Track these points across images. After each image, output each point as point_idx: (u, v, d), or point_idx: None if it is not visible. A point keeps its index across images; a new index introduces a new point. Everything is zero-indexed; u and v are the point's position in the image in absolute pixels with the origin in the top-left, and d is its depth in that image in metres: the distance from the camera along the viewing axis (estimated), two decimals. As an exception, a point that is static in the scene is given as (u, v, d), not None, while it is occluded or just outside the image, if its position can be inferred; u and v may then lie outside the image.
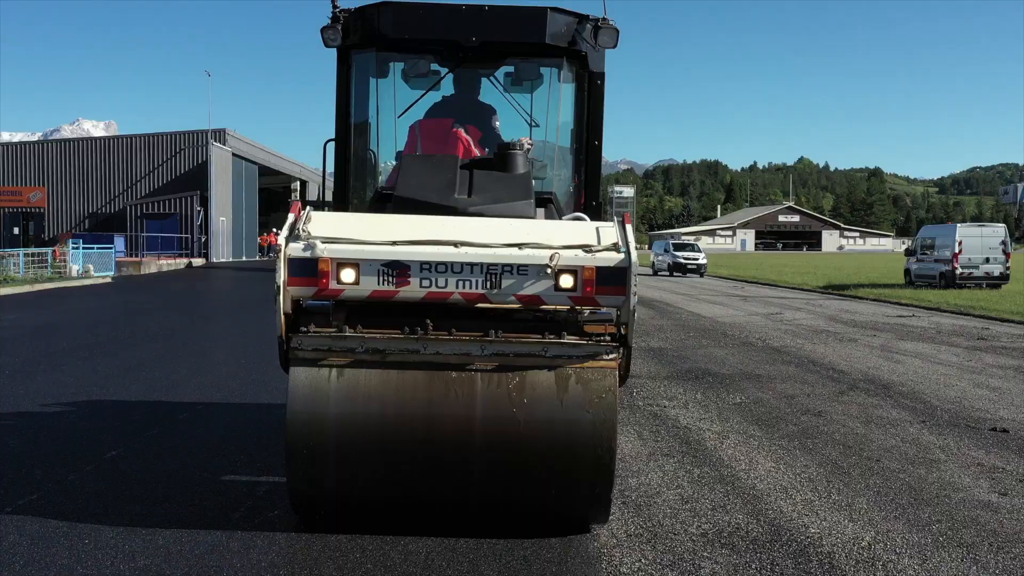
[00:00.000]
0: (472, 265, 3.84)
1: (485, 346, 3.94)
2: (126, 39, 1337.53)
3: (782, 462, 5.96)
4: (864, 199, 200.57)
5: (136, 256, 39.41)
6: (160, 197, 45.31)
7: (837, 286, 30.26)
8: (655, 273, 43.76)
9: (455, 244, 3.87)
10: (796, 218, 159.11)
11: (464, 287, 3.85)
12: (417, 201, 4.32)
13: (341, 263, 3.81)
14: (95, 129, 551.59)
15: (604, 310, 4.10)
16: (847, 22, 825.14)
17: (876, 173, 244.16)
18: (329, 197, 5.27)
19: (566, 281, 3.85)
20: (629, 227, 4.01)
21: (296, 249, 3.81)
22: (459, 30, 4.76)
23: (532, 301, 3.93)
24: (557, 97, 5.18)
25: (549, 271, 3.83)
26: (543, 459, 3.90)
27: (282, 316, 3.83)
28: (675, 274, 42.10)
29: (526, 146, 4.98)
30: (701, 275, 41.72)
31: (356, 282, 3.82)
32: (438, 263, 3.83)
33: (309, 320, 3.95)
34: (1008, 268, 27.82)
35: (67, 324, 14.69)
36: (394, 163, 5.34)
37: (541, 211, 4.88)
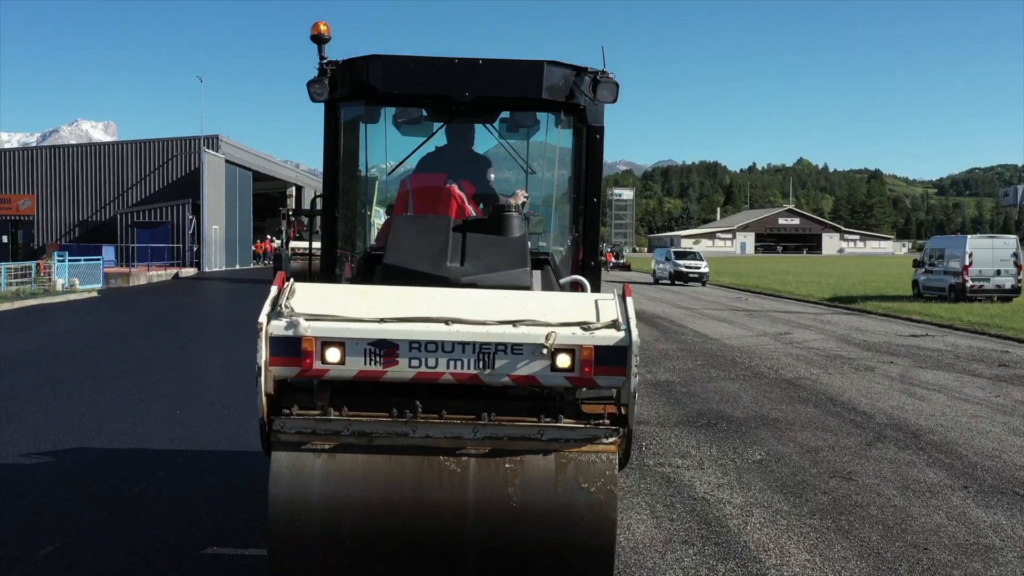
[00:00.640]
0: (464, 344, 3.55)
1: (478, 429, 3.62)
2: (125, 40, 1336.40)
3: (817, 551, 5.22)
4: (864, 201, 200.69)
5: (126, 267, 38.70)
6: (151, 205, 44.64)
7: (844, 298, 29.60)
8: (656, 282, 43.13)
9: (446, 321, 3.57)
10: (796, 220, 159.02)
11: (456, 367, 3.56)
12: (407, 270, 4.02)
13: (326, 342, 3.53)
14: (94, 130, 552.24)
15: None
16: (847, 22, 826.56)
17: (876, 175, 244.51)
18: (317, 262, 4.95)
19: (563, 361, 3.55)
20: (630, 300, 3.69)
21: (278, 327, 3.53)
22: (452, 85, 4.44)
23: (527, 382, 3.61)
24: (554, 145, 4.83)
25: (545, 351, 3.52)
26: (539, 546, 3.58)
27: (264, 398, 3.52)
28: (676, 283, 41.46)
29: (521, 199, 4.59)
30: (703, 284, 41.09)
31: (342, 362, 3.54)
32: (428, 342, 3.55)
33: (292, 401, 3.68)
34: (1020, 281, 27.12)
35: (37, 354, 13.98)
36: (385, 216, 5.03)
37: (538, 274, 4.49)
